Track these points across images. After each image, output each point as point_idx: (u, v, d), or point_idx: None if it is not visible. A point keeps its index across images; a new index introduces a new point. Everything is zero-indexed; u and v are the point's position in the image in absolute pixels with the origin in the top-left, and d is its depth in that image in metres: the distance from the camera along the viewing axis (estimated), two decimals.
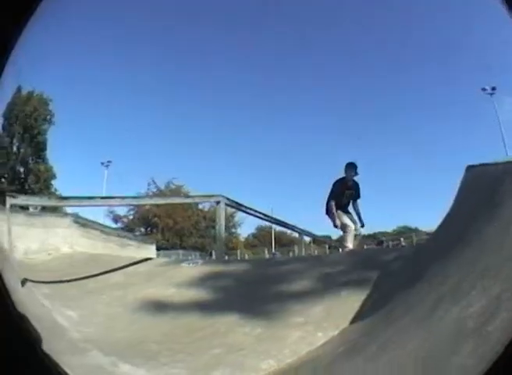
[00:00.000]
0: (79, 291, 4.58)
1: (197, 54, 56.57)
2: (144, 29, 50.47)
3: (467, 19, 35.60)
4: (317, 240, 14.41)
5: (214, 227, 34.71)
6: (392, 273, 3.56)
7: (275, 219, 10.93)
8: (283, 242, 35.45)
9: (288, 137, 53.95)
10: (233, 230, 38.08)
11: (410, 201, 48.88)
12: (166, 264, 6.12)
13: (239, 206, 8.58)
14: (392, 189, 45.04)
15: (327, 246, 16.89)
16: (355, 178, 7.60)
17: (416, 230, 28.93)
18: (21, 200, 6.95)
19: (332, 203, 7.38)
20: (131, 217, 34.89)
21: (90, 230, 8.72)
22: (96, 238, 8.65)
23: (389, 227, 38.57)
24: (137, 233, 29.71)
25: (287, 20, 49.17)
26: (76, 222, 8.55)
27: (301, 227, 11.69)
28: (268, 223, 18.34)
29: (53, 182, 32.11)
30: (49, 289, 4.53)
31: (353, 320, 2.85)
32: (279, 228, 27.14)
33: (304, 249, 12.23)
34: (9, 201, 6.01)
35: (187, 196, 7.92)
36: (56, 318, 3.50)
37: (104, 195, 6.64)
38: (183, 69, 51.18)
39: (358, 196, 7.66)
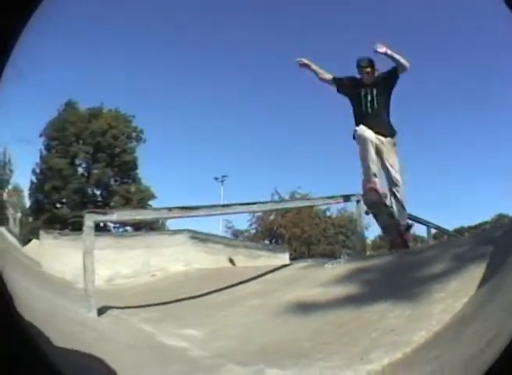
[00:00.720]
0: (201, 308, 5.41)
1: None
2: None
3: None
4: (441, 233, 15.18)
5: (343, 233, 35.94)
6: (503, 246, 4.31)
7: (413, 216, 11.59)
8: None
9: None
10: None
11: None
12: (307, 267, 7.21)
13: None
14: None
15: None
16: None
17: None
18: (118, 216, 6.23)
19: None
20: (253, 231, 37.91)
21: (210, 245, 9.71)
22: (219, 252, 9.63)
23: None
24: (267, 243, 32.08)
25: None
26: (193, 237, 9.55)
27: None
28: None
29: (152, 202, 33.83)
30: (155, 312, 5.32)
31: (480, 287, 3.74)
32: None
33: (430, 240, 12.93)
34: (90, 218, 5.60)
35: (324, 198, 8.75)
36: (164, 341, 4.07)
37: (226, 203, 6.92)
38: None
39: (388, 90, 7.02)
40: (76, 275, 7.04)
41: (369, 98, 6.87)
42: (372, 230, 21.73)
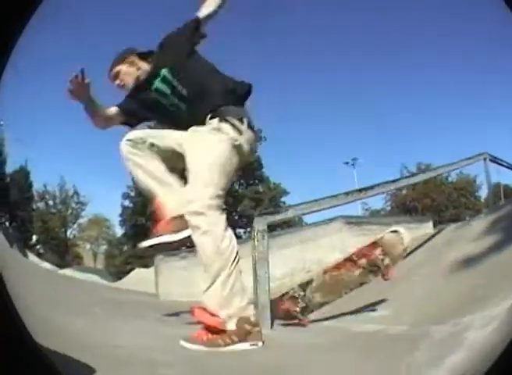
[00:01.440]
0: (377, 290, 5.35)
1: None
2: None
3: None
4: None
5: (463, 195, 36.17)
6: None
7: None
8: None
9: None
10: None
11: None
12: (454, 230, 8.02)
13: (501, 162, 9.93)
14: None
15: None
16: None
17: None
18: (292, 211, 5.55)
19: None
20: (389, 208, 39.24)
21: (366, 227, 9.80)
22: (372, 234, 8.97)
23: None
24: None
25: None
26: (348, 223, 9.70)
27: None
28: None
29: (284, 199, 33.83)
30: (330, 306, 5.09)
31: None
32: None
33: None
34: (262, 221, 4.96)
35: (449, 164, 8.80)
36: (356, 329, 4.19)
37: (361, 187, 6.55)
38: None
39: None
40: None
41: None
42: None
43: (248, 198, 34.19)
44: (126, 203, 37.78)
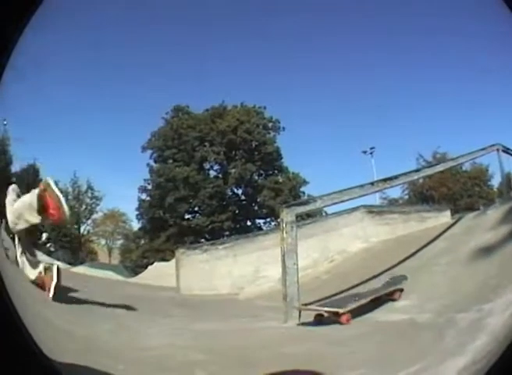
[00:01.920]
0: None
1: None
2: None
3: None
4: None
5: (477, 184, 36.03)
6: None
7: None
8: None
9: None
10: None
11: None
12: (471, 219, 8.28)
13: None
14: None
15: None
16: None
17: None
18: (321, 202, 5.75)
19: None
20: (406, 197, 39.64)
21: (387, 216, 10.00)
22: (395, 222, 9.88)
23: None
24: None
25: None
26: (370, 212, 9.85)
27: None
28: None
29: (304, 189, 33.61)
30: None
31: None
32: None
33: None
34: (291, 212, 5.37)
35: (466, 154, 8.85)
36: (388, 319, 4.46)
37: (386, 177, 6.56)
38: None
39: None
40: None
41: None
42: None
43: (267, 189, 33.55)
44: (143, 196, 37.91)
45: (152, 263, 20.96)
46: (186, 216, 32.59)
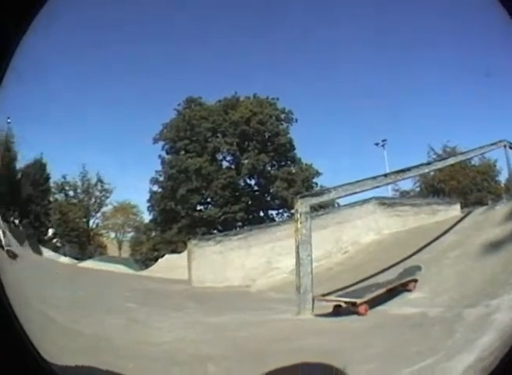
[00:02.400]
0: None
1: None
2: None
3: None
4: None
5: (486, 179, 36.15)
6: None
7: None
8: None
9: None
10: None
11: None
12: (481, 213, 8.40)
13: None
14: None
15: None
16: None
17: None
18: (335, 193, 5.92)
19: None
20: (418, 189, 39.60)
21: (399, 208, 10.06)
22: (405, 215, 9.93)
23: None
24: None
25: None
26: (382, 204, 9.92)
27: None
28: None
29: (317, 180, 33.58)
30: None
31: None
32: None
33: None
34: (305, 202, 5.47)
35: (475, 149, 8.88)
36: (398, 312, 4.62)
37: (399, 169, 6.68)
38: None
39: None
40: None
41: None
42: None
43: (280, 179, 33.29)
44: (155, 188, 37.68)
45: (163, 256, 20.84)
46: (199, 208, 29.86)
